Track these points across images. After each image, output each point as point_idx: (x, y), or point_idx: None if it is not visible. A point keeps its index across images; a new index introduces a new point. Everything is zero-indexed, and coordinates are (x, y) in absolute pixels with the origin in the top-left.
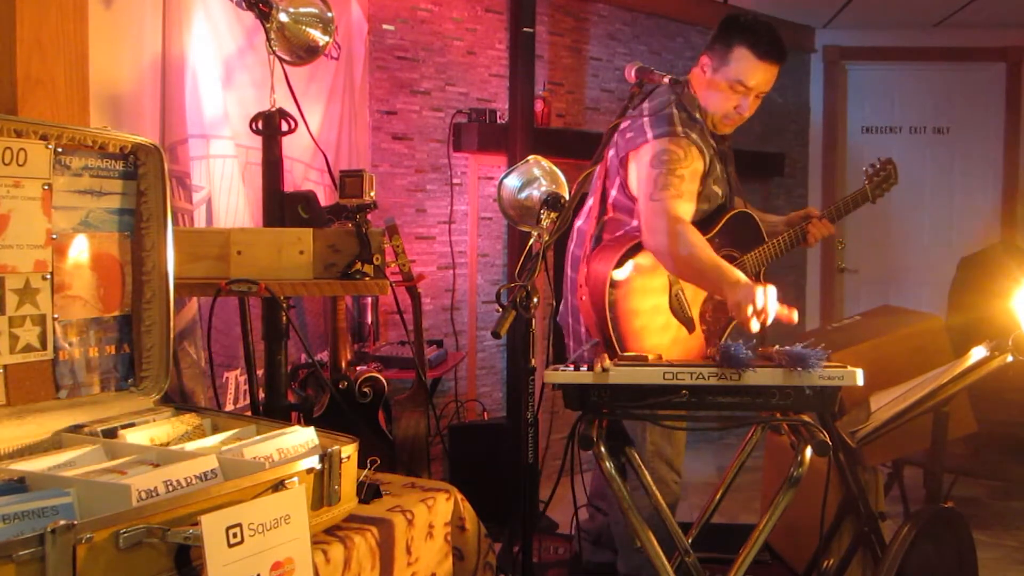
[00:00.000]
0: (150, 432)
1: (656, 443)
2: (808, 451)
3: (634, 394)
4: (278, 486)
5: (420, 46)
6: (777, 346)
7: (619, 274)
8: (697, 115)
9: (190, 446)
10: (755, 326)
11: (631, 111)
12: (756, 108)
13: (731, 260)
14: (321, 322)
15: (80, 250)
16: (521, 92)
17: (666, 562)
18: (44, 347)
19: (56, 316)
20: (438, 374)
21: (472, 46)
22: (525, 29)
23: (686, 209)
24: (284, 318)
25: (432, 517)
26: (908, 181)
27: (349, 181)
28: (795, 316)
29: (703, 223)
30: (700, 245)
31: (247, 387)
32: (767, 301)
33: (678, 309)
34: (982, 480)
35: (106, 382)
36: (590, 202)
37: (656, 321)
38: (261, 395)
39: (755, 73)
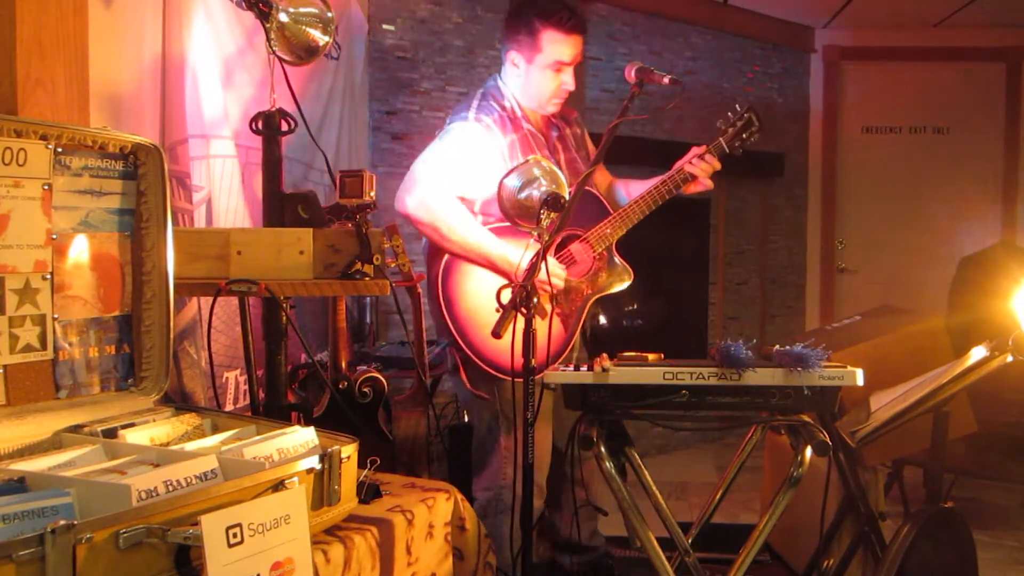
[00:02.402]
0: (150, 432)
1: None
2: (808, 451)
3: (634, 394)
4: (278, 486)
5: (420, 46)
6: (777, 346)
7: (447, 258)
8: (504, 104)
9: (190, 446)
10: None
11: (629, 111)
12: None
13: (576, 238)
14: (321, 322)
15: (80, 250)
16: None
17: (666, 562)
18: (44, 347)
19: (56, 316)
20: (438, 374)
21: (472, 46)
22: None
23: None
24: (284, 318)
25: (432, 517)
26: (908, 181)
27: (349, 181)
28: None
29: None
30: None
31: (247, 387)
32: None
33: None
34: (982, 480)
35: (106, 382)
36: None
37: (493, 303)
38: (261, 395)
39: (568, 48)
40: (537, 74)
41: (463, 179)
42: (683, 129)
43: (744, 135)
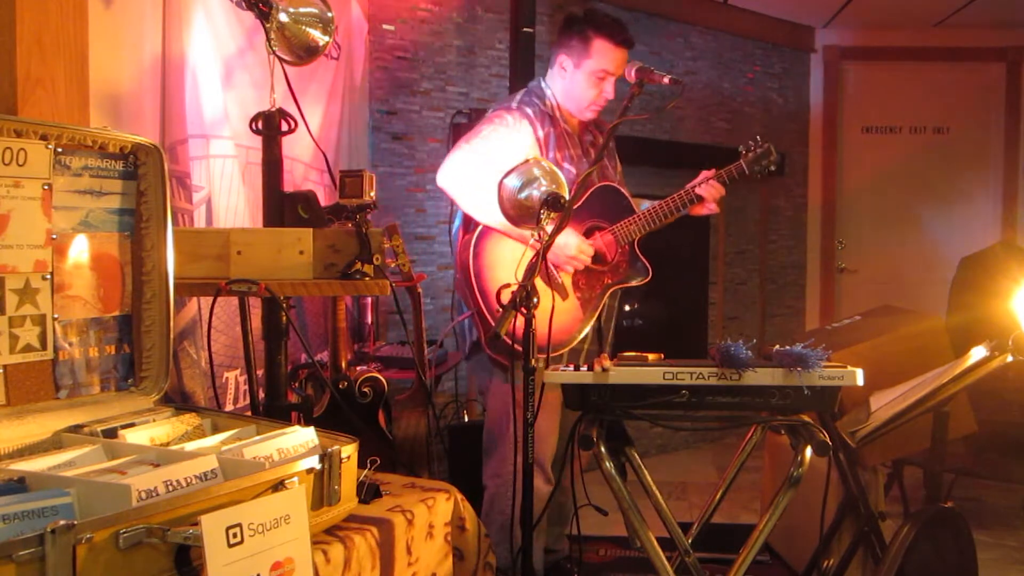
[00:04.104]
0: (150, 432)
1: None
2: (808, 451)
3: (634, 394)
4: (278, 486)
5: (420, 46)
6: (777, 346)
7: (481, 228)
8: (546, 101)
9: (190, 446)
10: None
11: (629, 111)
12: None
13: (597, 230)
14: (321, 322)
15: (80, 250)
16: None
17: (666, 562)
18: (44, 347)
19: (56, 316)
20: (438, 374)
21: (472, 46)
22: (525, 29)
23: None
24: (284, 318)
25: (432, 517)
26: (908, 181)
27: (349, 181)
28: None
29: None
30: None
31: (247, 387)
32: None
33: (546, 278)
34: (982, 480)
35: (106, 382)
36: None
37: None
38: (261, 395)
39: (615, 60)
40: (582, 79)
41: (500, 160)
42: (683, 129)
43: (763, 162)
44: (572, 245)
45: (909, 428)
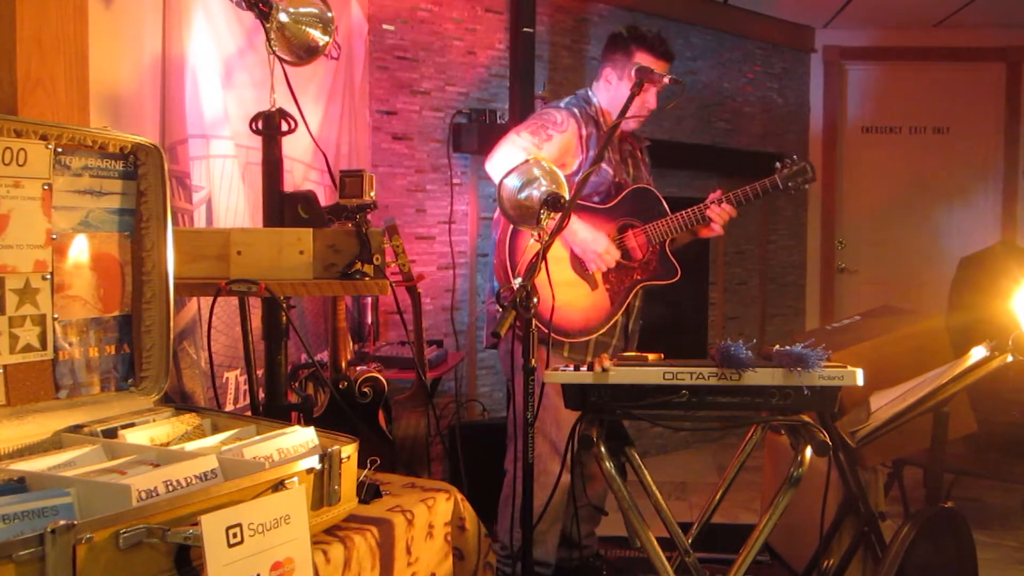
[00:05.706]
0: (150, 432)
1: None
2: (808, 451)
3: (634, 394)
4: (278, 486)
5: (420, 46)
6: (777, 346)
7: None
8: (592, 106)
9: (190, 446)
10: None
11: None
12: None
13: (631, 228)
14: (321, 322)
15: (80, 250)
16: (521, 92)
17: (666, 562)
18: (44, 347)
19: (56, 316)
20: (438, 374)
21: (472, 46)
22: (525, 29)
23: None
24: (284, 318)
25: (432, 517)
26: (908, 181)
27: (349, 181)
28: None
29: (603, 195)
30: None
31: (247, 387)
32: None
33: (579, 268)
34: (982, 480)
35: (106, 382)
36: None
37: (556, 271)
38: (261, 395)
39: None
40: (626, 90)
41: (545, 152)
42: (683, 129)
43: (798, 179)
44: (602, 242)
45: (909, 428)
